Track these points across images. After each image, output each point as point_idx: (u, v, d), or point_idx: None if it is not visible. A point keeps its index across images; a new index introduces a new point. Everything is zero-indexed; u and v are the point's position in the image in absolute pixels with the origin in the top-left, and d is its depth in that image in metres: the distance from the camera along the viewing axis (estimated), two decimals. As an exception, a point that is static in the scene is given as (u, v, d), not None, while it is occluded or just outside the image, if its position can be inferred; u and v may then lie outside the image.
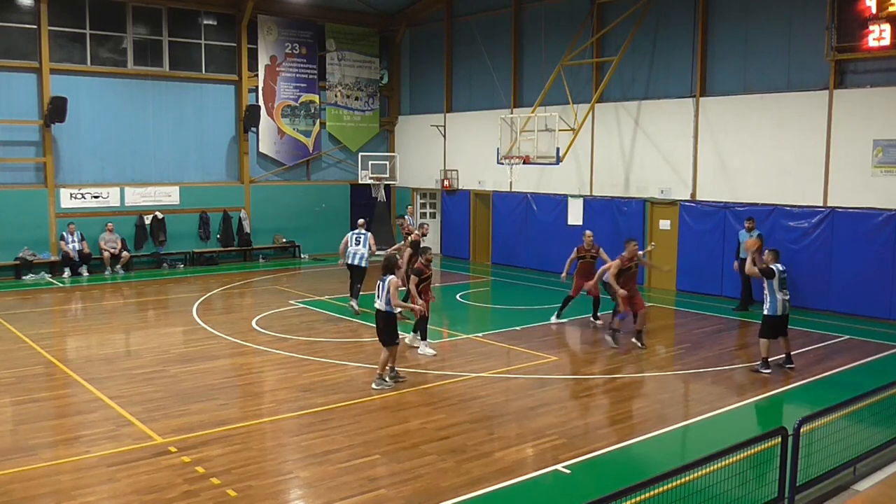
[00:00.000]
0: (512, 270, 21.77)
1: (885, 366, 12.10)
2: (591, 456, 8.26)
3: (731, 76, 17.67)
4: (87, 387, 10.59)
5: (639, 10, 18.42)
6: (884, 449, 8.10)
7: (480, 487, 7.41)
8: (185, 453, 8.18)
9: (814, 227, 16.11)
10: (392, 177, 25.12)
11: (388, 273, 10.71)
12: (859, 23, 14.95)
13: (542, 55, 21.35)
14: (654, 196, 19.03)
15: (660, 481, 5.67)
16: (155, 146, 22.07)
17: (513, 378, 11.19)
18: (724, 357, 12.46)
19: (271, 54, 23.67)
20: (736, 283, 16.96)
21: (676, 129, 18.51)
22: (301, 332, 14.00)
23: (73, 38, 20.67)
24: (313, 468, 7.89)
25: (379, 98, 26.26)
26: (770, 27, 16.89)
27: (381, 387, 10.55)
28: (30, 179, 20.36)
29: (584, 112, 18.85)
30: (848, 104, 15.63)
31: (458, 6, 24.14)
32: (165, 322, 15.34)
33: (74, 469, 7.79)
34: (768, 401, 10.38)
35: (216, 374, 11.33)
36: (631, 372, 11.66)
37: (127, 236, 21.38)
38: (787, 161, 16.59)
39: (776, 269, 11.22)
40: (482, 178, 23.33)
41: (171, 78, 22.13)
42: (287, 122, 24.19)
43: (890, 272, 15.17)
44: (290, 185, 24.60)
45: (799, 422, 6.79)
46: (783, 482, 6.74)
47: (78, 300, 17.58)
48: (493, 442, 8.66)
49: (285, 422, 9.35)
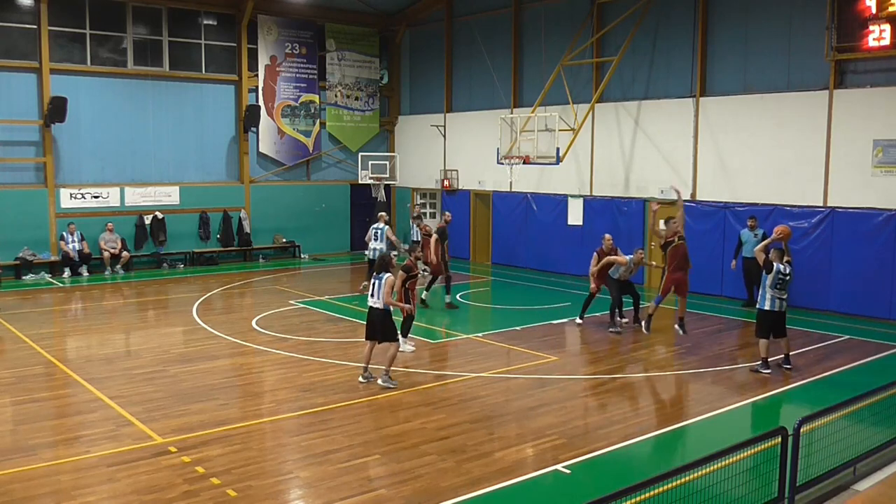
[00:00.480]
0: (512, 270, 21.78)
1: (885, 366, 12.10)
2: (591, 456, 8.26)
3: (731, 76, 17.67)
4: (87, 387, 10.59)
5: (639, 10, 18.43)
6: (884, 449, 8.10)
7: (480, 487, 7.41)
8: (185, 453, 8.18)
9: (814, 227, 16.11)
10: (392, 177, 25.14)
11: (384, 271, 10.71)
12: (859, 23, 14.95)
13: (542, 55, 21.35)
14: (654, 196, 19.02)
15: (660, 481, 5.67)
16: (155, 146, 22.08)
17: (513, 378, 11.19)
18: (724, 357, 12.47)
19: (271, 54, 23.67)
20: (737, 283, 16.97)
21: (676, 129, 18.51)
22: (301, 332, 14.00)
23: (73, 38, 20.67)
24: (313, 468, 7.89)
25: (379, 98, 26.27)
26: (770, 27, 16.89)
27: (386, 384, 10.53)
28: (30, 179, 20.36)
29: (584, 112, 18.86)
30: (848, 104, 15.63)
31: (458, 6, 24.15)
32: (165, 322, 15.35)
33: (74, 469, 7.79)
34: (768, 401, 10.38)
35: (216, 374, 11.33)
36: (631, 372, 11.66)
37: (127, 236, 21.38)
38: (787, 161, 16.60)
39: (777, 267, 11.21)
40: (482, 178, 23.33)
41: (171, 78, 22.13)
42: (287, 122, 24.20)
43: (890, 272, 15.17)
44: (290, 185, 24.61)
45: (799, 422, 6.79)
46: (783, 482, 6.74)
47: (78, 300, 17.58)
48: (493, 442, 8.67)
49: (285, 422, 9.35)
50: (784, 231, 11.63)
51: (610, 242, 14.63)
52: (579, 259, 20.52)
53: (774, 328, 11.48)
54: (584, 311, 14.96)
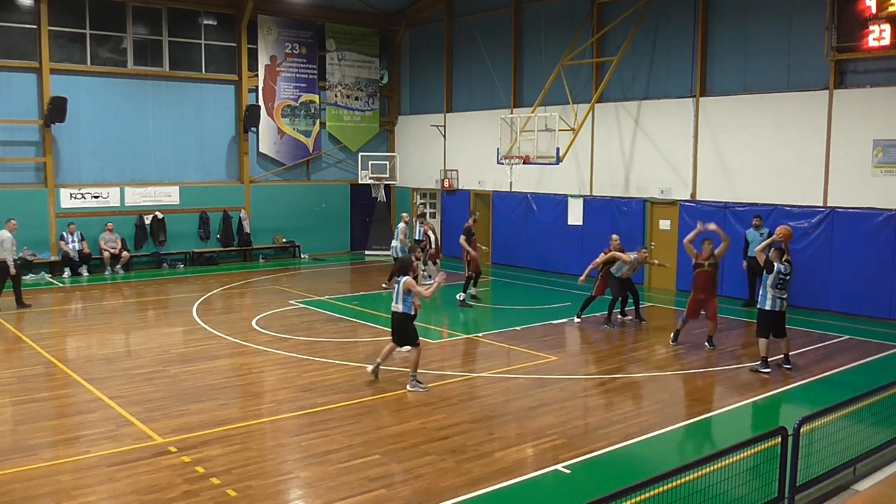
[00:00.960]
0: (512, 270, 21.77)
1: (885, 366, 12.10)
2: (591, 456, 8.26)
3: (731, 76, 17.67)
4: (87, 387, 10.59)
5: (639, 10, 18.43)
6: (884, 449, 8.10)
7: (480, 487, 7.41)
8: (185, 453, 8.18)
9: (814, 227, 16.11)
10: (392, 177, 25.15)
11: (403, 274, 10.68)
12: (859, 23, 14.95)
13: (542, 55, 21.35)
14: (654, 196, 19.04)
15: (660, 481, 5.67)
16: (155, 146, 22.08)
17: (513, 378, 11.19)
18: (724, 357, 12.47)
19: (271, 54, 23.67)
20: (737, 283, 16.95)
21: (676, 129, 18.51)
22: (301, 332, 14.00)
23: (73, 38, 20.67)
24: (313, 468, 7.89)
25: (379, 98, 26.27)
26: (770, 27, 16.89)
27: (415, 388, 10.46)
28: (30, 179, 20.36)
29: (584, 112, 18.86)
30: (848, 104, 15.63)
31: (458, 6, 24.15)
32: (165, 322, 15.34)
33: (74, 469, 7.79)
34: (768, 401, 10.38)
35: (216, 374, 11.33)
36: (631, 372, 11.66)
37: (127, 236, 21.38)
38: (787, 161, 16.60)
39: (777, 267, 11.21)
40: (482, 178, 23.33)
41: (171, 78, 22.13)
42: (287, 122, 24.19)
43: (890, 272, 15.17)
44: (290, 185, 24.60)
45: (799, 422, 6.79)
46: (783, 482, 6.74)
47: (78, 300, 17.58)
48: (493, 442, 8.67)
49: (285, 422, 9.35)
50: (785, 232, 11.65)
51: (617, 243, 14.74)
52: (579, 259, 20.52)
53: (774, 328, 11.50)
54: (582, 311, 14.99)
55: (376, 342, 13.31)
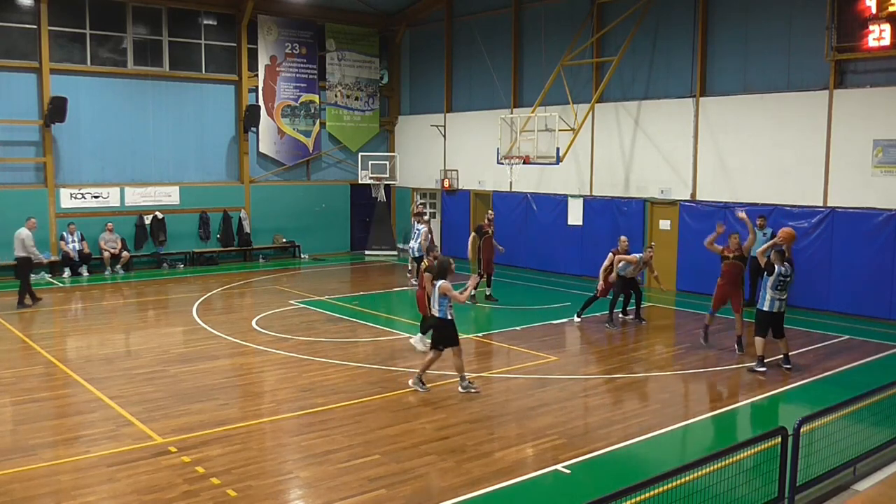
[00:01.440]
0: (512, 270, 21.76)
1: (885, 366, 12.10)
2: (591, 456, 8.26)
3: (731, 76, 17.67)
4: (87, 387, 10.59)
5: (639, 10, 18.42)
6: (884, 449, 8.10)
7: (480, 487, 7.41)
8: (185, 453, 8.18)
9: (814, 227, 16.11)
10: (392, 177, 25.15)
11: (442, 277, 10.53)
12: (859, 23, 14.95)
13: (542, 55, 21.35)
14: (654, 196, 19.04)
15: (660, 481, 5.67)
16: (155, 146, 22.07)
17: (513, 378, 11.19)
18: (724, 357, 12.47)
19: (271, 54, 23.67)
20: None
21: (676, 129, 18.51)
22: (301, 332, 14.00)
23: (73, 38, 20.67)
24: (313, 468, 7.89)
25: (379, 98, 26.27)
26: (770, 27, 16.89)
27: (416, 386, 10.46)
28: (30, 179, 20.36)
29: (584, 112, 18.85)
30: (848, 104, 15.63)
31: (458, 6, 24.14)
32: (165, 322, 15.35)
33: (74, 469, 7.79)
34: (768, 401, 10.38)
35: (216, 374, 11.33)
36: (631, 372, 11.66)
37: (127, 236, 21.38)
38: (787, 161, 16.60)
39: (778, 269, 11.21)
40: (482, 178, 23.33)
41: (171, 78, 22.13)
42: (287, 122, 24.19)
43: (890, 272, 15.17)
44: (290, 185, 24.60)
45: (799, 422, 6.79)
46: (783, 482, 6.74)
47: (78, 300, 17.58)
48: (493, 442, 8.66)
49: (285, 422, 9.35)
50: (788, 235, 11.65)
51: (626, 244, 14.76)
52: (579, 259, 20.56)
53: (773, 329, 11.50)
54: (583, 310, 15.00)
55: (376, 342, 13.33)
